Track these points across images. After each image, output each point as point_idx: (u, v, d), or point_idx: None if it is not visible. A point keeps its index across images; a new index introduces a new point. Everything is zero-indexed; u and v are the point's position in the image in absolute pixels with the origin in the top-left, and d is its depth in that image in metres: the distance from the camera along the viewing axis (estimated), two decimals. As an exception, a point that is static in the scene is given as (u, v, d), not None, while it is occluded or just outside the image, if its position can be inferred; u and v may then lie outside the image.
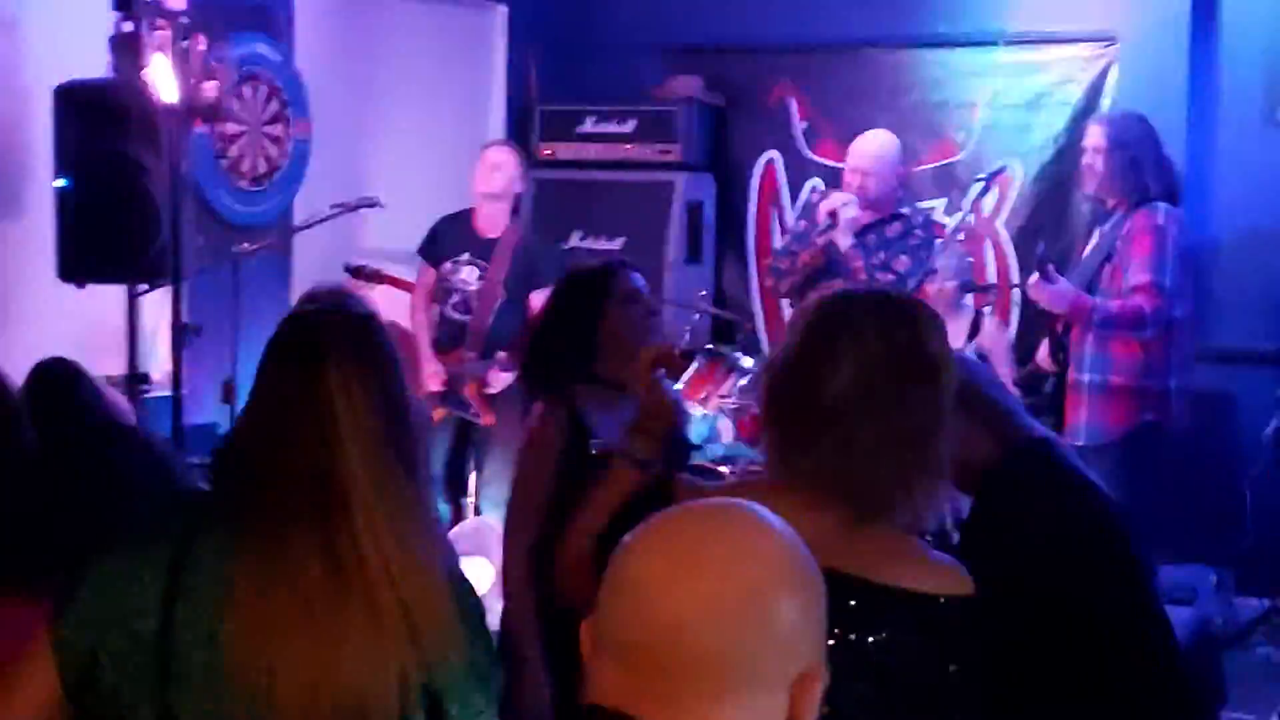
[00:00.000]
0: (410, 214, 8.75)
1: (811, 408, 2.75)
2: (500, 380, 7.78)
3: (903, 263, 7.34)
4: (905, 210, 7.73)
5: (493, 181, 8.09)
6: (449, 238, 8.14)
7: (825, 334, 2.80)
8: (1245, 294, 8.06)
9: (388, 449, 2.68)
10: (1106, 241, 6.75)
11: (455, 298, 8.04)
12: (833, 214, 7.39)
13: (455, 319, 8.04)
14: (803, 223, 7.75)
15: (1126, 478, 6.39)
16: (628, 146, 9.39)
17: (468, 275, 8.05)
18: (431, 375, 7.94)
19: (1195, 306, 7.00)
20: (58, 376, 4.16)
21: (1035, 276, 6.68)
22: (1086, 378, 6.66)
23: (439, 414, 7.95)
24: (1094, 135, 6.86)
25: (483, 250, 8.05)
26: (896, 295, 3.03)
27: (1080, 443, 6.53)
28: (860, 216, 7.50)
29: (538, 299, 7.83)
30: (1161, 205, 6.66)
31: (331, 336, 2.77)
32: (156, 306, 6.99)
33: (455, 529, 7.68)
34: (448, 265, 8.07)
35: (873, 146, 7.72)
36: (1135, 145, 6.73)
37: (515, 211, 8.27)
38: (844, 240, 7.31)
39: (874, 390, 2.74)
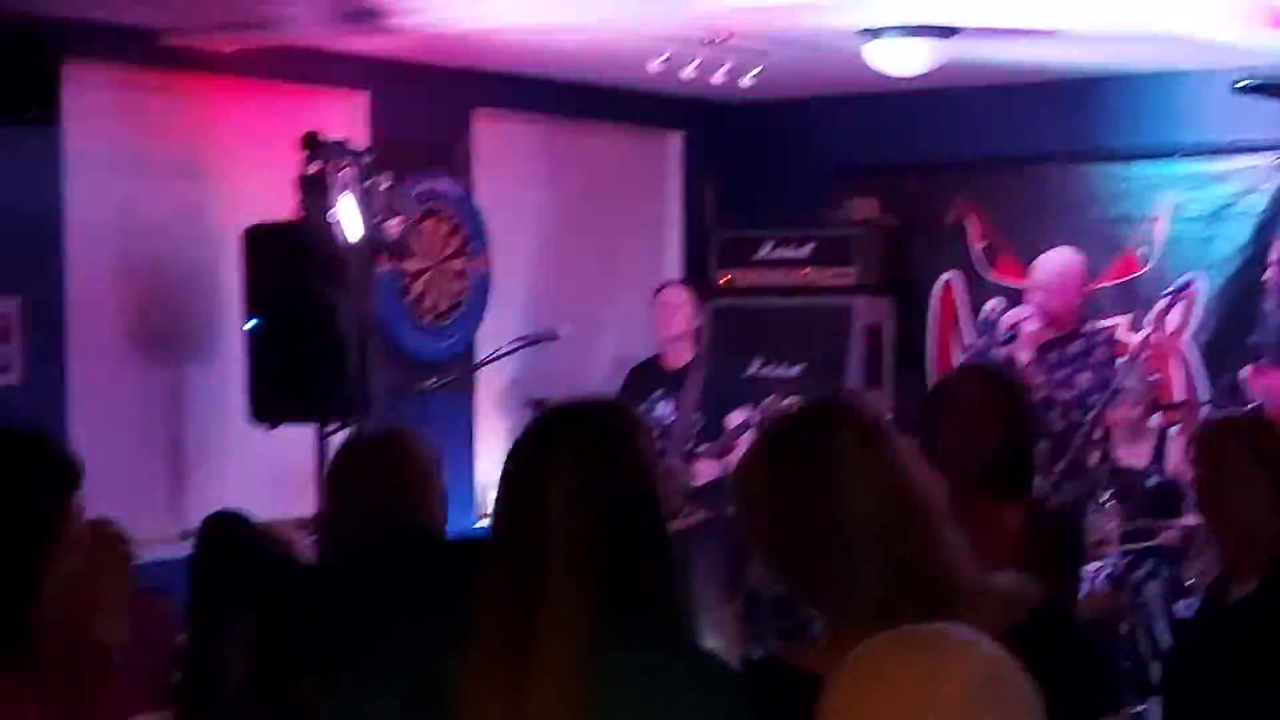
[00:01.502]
0: (592, 345, 8.81)
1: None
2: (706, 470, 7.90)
3: (1085, 379, 7.23)
4: (1087, 328, 7.63)
5: (673, 323, 8.22)
6: (641, 383, 8.25)
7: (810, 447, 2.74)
8: None
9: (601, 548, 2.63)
10: None
11: (655, 434, 8.10)
12: (1014, 327, 7.33)
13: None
14: (983, 339, 7.68)
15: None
16: (805, 271, 9.38)
17: (663, 410, 8.13)
18: None
19: None
20: (228, 528, 4.28)
21: (1250, 368, 6.51)
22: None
23: None
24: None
25: (673, 383, 8.12)
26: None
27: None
28: (1041, 333, 7.42)
29: (734, 418, 7.87)
30: None
31: (566, 424, 2.74)
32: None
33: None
34: (643, 407, 8.16)
35: (1055, 263, 7.66)
36: None
37: (697, 342, 8.34)
38: (1025, 355, 7.23)
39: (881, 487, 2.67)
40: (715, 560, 8.17)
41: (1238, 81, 8.23)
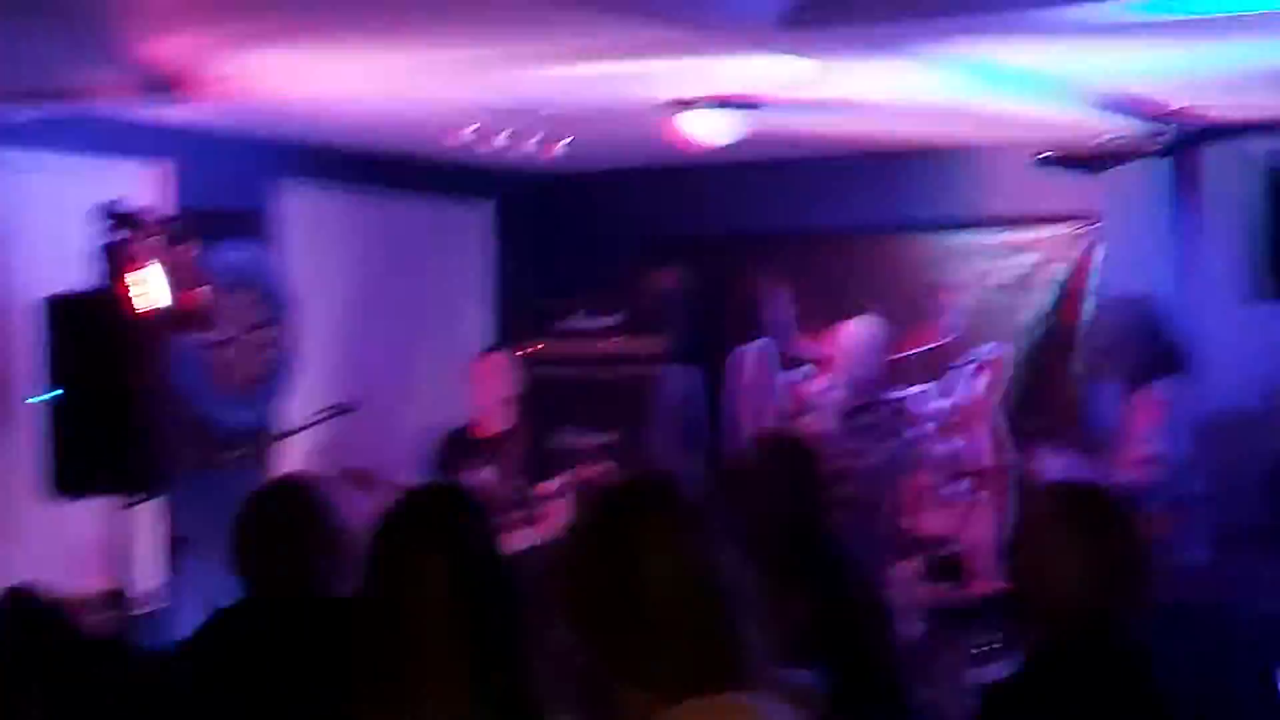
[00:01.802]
0: (399, 415, 8.73)
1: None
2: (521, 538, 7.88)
3: (882, 450, 7.27)
4: (888, 397, 7.70)
5: (491, 390, 8.16)
6: (454, 450, 8.18)
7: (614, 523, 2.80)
8: (1231, 470, 7.96)
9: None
10: (1120, 416, 6.71)
11: None
12: (811, 398, 7.35)
13: None
14: (786, 409, 7.71)
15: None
16: (615, 340, 9.39)
17: (477, 479, 8.08)
18: None
19: (1213, 483, 6.91)
20: (20, 605, 4.18)
21: (1036, 456, 6.65)
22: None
23: None
24: (1091, 316, 6.87)
25: (486, 452, 8.08)
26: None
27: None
28: (843, 402, 7.47)
29: (545, 487, 7.91)
30: (1169, 381, 6.64)
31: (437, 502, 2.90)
32: (143, 519, 6.92)
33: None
34: (460, 474, 8.11)
35: (856, 333, 7.72)
36: (1134, 324, 6.73)
37: (515, 411, 8.30)
38: (824, 425, 7.26)
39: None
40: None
41: (1038, 155, 8.39)
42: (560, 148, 8.07)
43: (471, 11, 5.85)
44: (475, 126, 7.65)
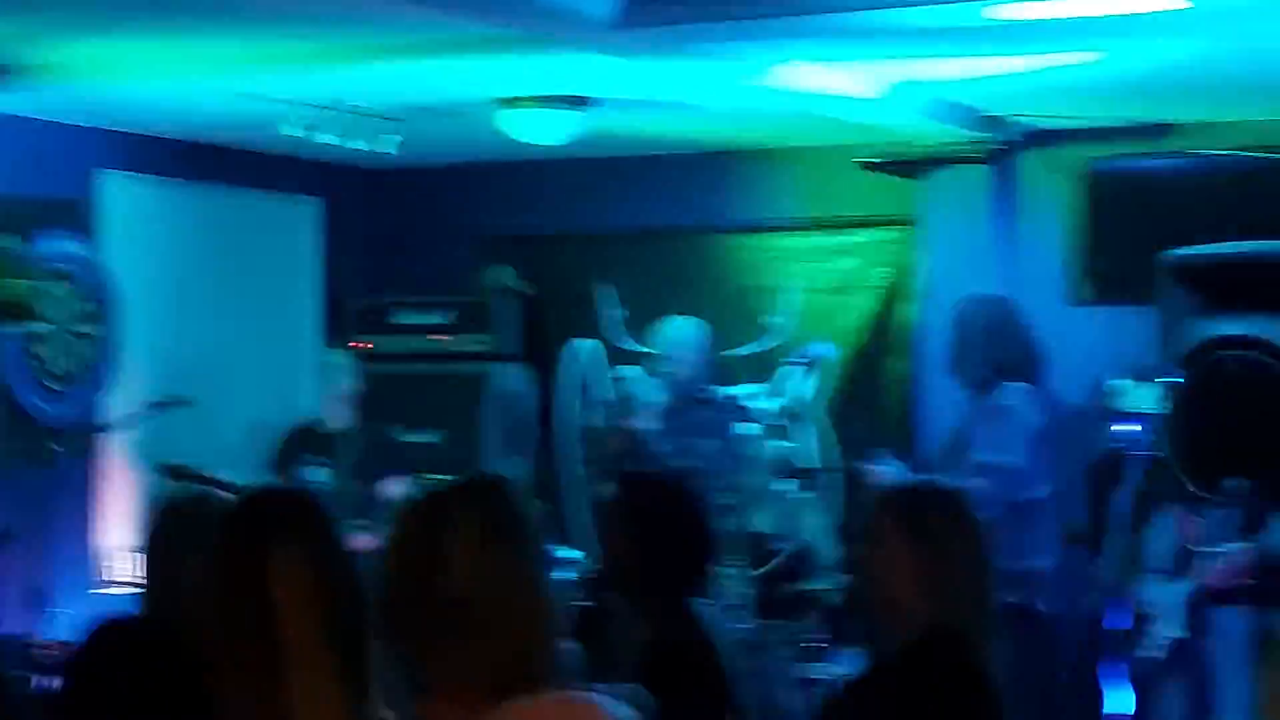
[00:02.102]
0: (226, 410, 8.65)
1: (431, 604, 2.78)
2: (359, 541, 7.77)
3: (708, 446, 7.29)
4: (711, 395, 7.74)
5: (328, 389, 8.13)
6: (294, 446, 8.14)
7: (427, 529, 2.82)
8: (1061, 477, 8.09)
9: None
10: (965, 423, 6.74)
11: None
12: (636, 398, 7.37)
13: None
14: (613, 407, 7.72)
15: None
16: (443, 338, 9.38)
17: (314, 475, 8.04)
18: None
19: (1060, 488, 6.98)
20: None
21: (864, 458, 6.66)
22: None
23: None
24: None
25: (327, 448, 8.04)
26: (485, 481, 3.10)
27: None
28: (667, 402, 7.50)
29: (391, 486, 7.86)
30: (1016, 386, 6.67)
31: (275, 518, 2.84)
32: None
33: None
34: (296, 470, 8.07)
35: (679, 332, 7.76)
36: (985, 328, 6.76)
37: (352, 409, 8.27)
38: (649, 424, 7.27)
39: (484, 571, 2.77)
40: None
41: (863, 158, 8.51)
42: (386, 144, 8.04)
43: (300, 3, 5.83)
44: (304, 121, 7.60)
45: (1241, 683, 5.31)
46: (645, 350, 8.64)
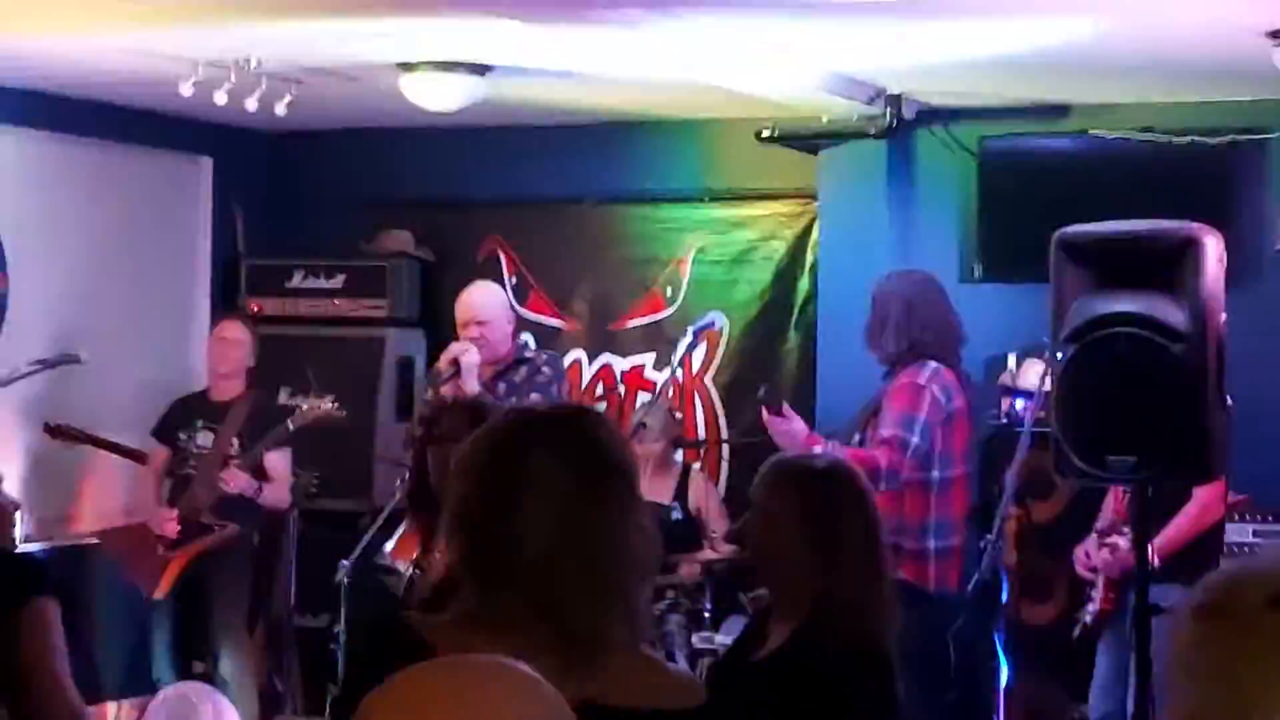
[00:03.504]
0: (118, 370, 8.57)
1: (504, 542, 2.69)
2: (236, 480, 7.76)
3: (534, 401, 7.20)
4: (529, 354, 7.66)
5: (227, 360, 8.07)
6: (182, 413, 8.08)
7: (504, 465, 2.72)
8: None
9: None
10: (876, 398, 6.72)
11: (191, 461, 7.97)
12: (454, 362, 7.27)
13: (190, 476, 7.99)
14: (430, 392, 7.54)
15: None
16: (337, 302, 9.33)
17: (203, 440, 7.99)
18: (167, 522, 7.86)
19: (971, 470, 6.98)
20: None
21: (765, 414, 6.57)
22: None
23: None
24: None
25: (215, 414, 7.99)
26: (570, 410, 3.02)
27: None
28: (485, 365, 7.37)
29: (272, 460, 7.83)
30: (930, 364, 6.65)
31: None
32: None
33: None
34: (182, 436, 8.01)
35: (480, 296, 7.66)
36: (900, 304, 6.71)
37: (249, 379, 8.20)
38: (470, 386, 7.16)
39: (565, 515, 2.66)
40: (239, 581, 8.04)
41: (761, 131, 8.52)
42: (283, 106, 7.97)
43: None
44: (194, 80, 7.52)
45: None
46: (544, 318, 8.62)
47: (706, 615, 7.82)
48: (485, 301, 7.58)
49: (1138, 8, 6.32)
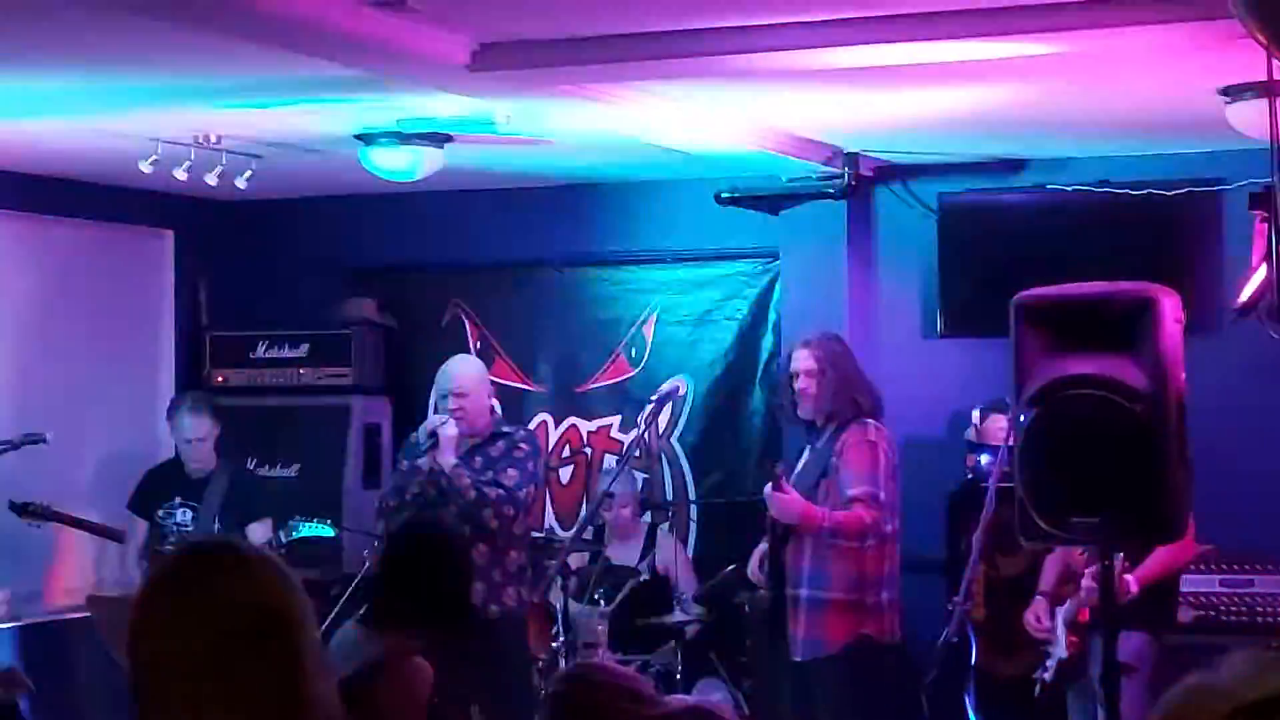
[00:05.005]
0: (79, 447, 8.55)
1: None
2: None
3: (510, 476, 7.19)
4: (506, 429, 7.62)
5: (200, 451, 8.03)
6: (157, 486, 8.05)
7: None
8: (912, 502, 8.13)
9: None
10: (821, 458, 6.74)
11: (171, 539, 7.93)
12: (432, 434, 7.24)
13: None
14: (405, 463, 7.49)
15: (847, 691, 6.55)
16: (301, 371, 9.33)
17: (182, 518, 7.96)
18: None
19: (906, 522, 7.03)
20: None
21: (769, 486, 6.64)
22: (804, 593, 6.60)
23: None
24: (802, 359, 6.81)
25: (193, 490, 7.97)
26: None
27: (798, 658, 6.60)
28: (463, 437, 7.32)
29: (255, 532, 7.79)
30: (871, 421, 6.71)
31: None
32: None
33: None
34: (160, 513, 7.98)
35: (462, 368, 7.60)
36: (844, 364, 6.78)
37: (219, 451, 8.17)
38: (448, 459, 7.13)
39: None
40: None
41: (721, 192, 8.55)
42: (243, 180, 7.99)
43: (159, 45, 5.79)
44: (154, 158, 7.54)
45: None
46: (510, 382, 8.63)
47: (678, 677, 7.83)
48: (466, 374, 7.51)
49: (1092, 70, 6.38)
